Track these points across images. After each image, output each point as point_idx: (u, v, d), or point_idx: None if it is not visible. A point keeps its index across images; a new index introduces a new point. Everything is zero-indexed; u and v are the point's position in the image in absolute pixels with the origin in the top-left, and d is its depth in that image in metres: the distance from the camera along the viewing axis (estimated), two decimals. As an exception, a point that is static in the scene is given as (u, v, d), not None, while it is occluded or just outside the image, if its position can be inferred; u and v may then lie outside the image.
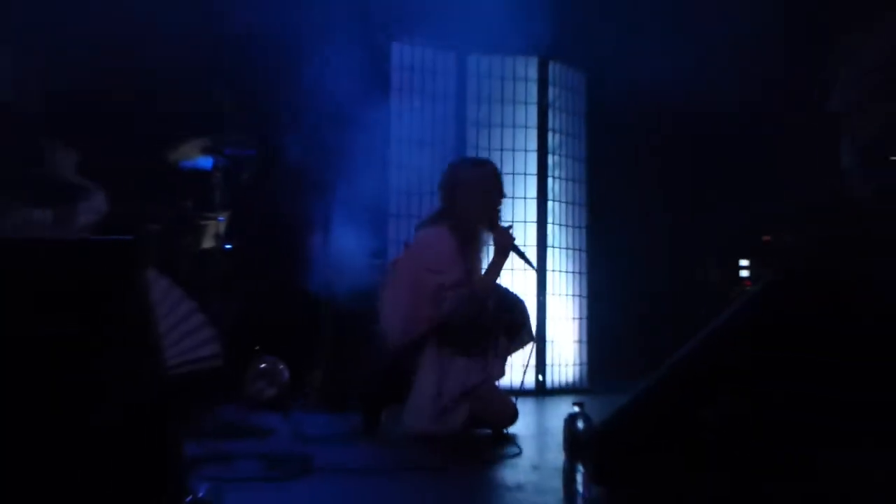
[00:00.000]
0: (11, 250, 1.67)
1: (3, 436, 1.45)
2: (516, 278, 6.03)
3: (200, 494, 2.00)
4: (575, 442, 2.58)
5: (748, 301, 2.66)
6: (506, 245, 4.35)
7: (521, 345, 4.52)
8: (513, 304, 4.50)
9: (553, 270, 6.59)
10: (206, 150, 5.07)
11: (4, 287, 1.54)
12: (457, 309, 4.21)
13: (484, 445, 4.02)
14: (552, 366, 6.55)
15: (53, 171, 5.42)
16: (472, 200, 4.40)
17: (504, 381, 4.92)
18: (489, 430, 4.29)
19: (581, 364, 6.77)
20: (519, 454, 3.76)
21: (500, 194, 4.46)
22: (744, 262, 6.75)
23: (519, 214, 6.38)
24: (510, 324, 4.44)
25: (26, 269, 1.58)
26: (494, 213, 4.42)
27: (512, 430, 4.28)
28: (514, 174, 6.42)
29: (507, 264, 4.40)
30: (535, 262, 5.38)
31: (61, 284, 1.55)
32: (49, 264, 1.61)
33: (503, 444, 4.13)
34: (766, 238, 6.55)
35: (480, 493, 2.87)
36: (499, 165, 4.58)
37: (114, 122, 5.77)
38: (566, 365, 6.67)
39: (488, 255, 4.47)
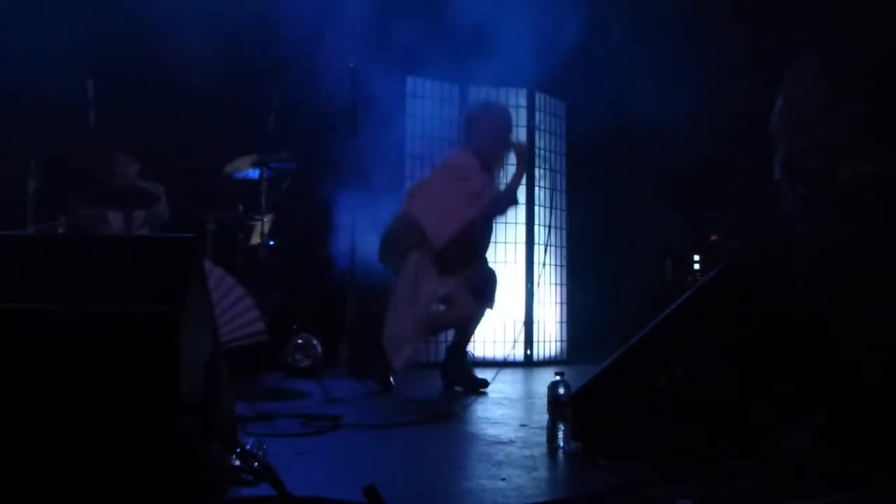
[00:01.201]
0: (104, 246, 1.69)
1: (107, 406, 1.45)
2: (509, 269, 6.04)
3: (248, 447, 2.01)
4: (556, 404, 2.59)
5: (697, 290, 2.66)
6: (522, 152, 4.57)
7: (483, 308, 4.50)
8: (487, 275, 4.51)
9: (539, 264, 6.59)
10: (254, 164, 5.07)
11: (100, 275, 1.56)
12: (489, 207, 4.37)
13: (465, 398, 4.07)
14: (538, 342, 6.55)
15: (125, 180, 5.43)
16: (485, 133, 4.49)
17: (497, 355, 4.90)
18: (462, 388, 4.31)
19: (562, 341, 6.78)
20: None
21: (509, 131, 4.59)
22: (696, 258, 6.74)
23: (511, 217, 6.36)
24: (480, 290, 4.43)
25: (115, 261, 1.60)
26: (504, 144, 4.53)
27: (505, 393, 4.29)
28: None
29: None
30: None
31: (141, 273, 1.56)
32: (131, 257, 1.62)
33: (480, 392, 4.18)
34: (713, 238, 6.54)
35: (476, 446, 2.88)
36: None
37: (182, 141, 5.79)
38: (550, 341, 6.68)
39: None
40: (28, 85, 5.41)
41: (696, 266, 6.72)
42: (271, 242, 5.37)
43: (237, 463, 1.88)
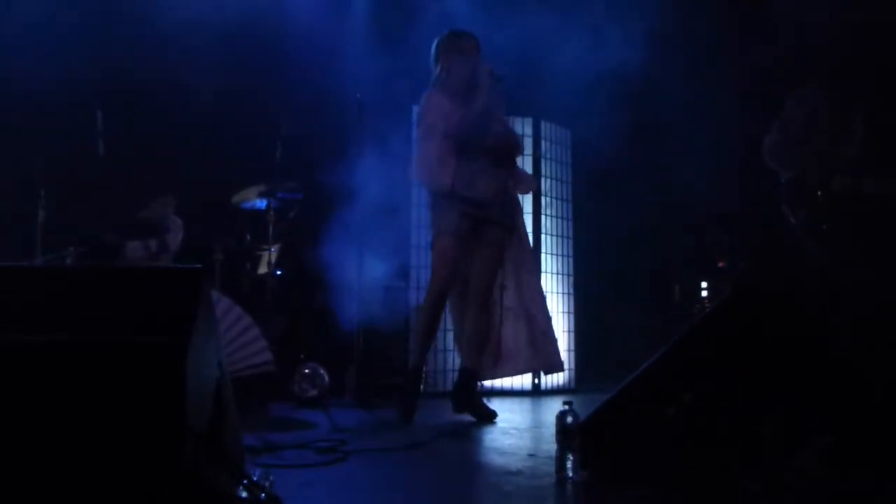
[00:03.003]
0: (112, 278, 1.69)
1: (103, 430, 1.45)
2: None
3: (255, 478, 2.00)
4: (565, 433, 2.57)
5: (707, 316, 2.66)
6: (490, 75, 4.36)
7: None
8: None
9: (547, 292, 6.57)
10: (261, 194, 5.10)
11: (109, 306, 1.56)
12: (465, 126, 4.26)
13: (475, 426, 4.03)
14: (545, 370, 6.51)
15: (156, 217, 5.46)
16: (451, 59, 4.43)
17: (504, 384, 4.87)
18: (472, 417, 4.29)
19: (570, 369, 6.74)
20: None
21: (470, 52, 4.46)
22: (703, 284, 6.72)
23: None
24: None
25: (123, 292, 1.60)
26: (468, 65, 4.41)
27: (513, 423, 4.27)
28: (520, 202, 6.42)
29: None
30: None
31: (149, 304, 1.57)
32: (139, 288, 1.63)
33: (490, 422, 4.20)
34: (720, 263, 6.53)
35: (485, 476, 2.85)
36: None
37: (190, 171, 5.83)
38: (557, 370, 6.64)
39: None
40: (38, 116, 5.47)
41: (704, 292, 6.71)
42: (278, 272, 5.38)
43: (244, 494, 1.87)
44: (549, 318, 4.53)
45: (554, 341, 4.53)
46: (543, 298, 4.59)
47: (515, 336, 4.52)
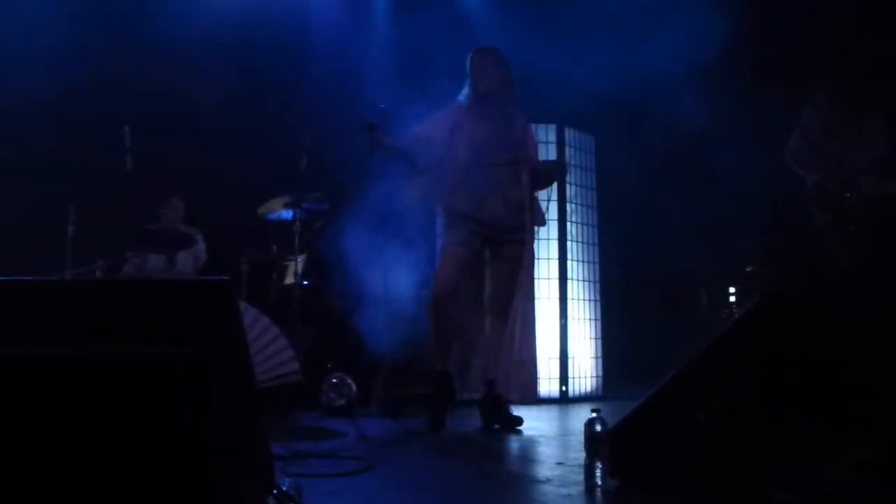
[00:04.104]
0: (139, 290, 1.70)
1: (133, 438, 1.46)
2: (543, 306, 6.00)
3: (284, 488, 2.00)
4: (593, 442, 2.55)
5: (737, 322, 2.63)
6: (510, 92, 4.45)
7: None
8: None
9: (572, 299, 6.55)
10: (287, 205, 5.12)
11: (137, 318, 1.57)
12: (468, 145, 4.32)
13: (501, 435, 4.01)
14: (573, 378, 6.48)
15: (169, 223, 5.51)
16: (474, 76, 4.45)
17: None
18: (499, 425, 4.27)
19: (597, 376, 6.70)
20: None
21: (493, 69, 4.45)
22: (731, 290, 6.66)
23: (543, 253, 6.34)
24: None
25: (150, 304, 1.61)
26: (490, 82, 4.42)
27: (541, 431, 4.25)
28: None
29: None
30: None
31: (176, 315, 1.57)
32: (166, 300, 1.64)
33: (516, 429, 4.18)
34: (748, 268, 6.47)
35: (513, 485, 2.84)
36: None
37: (215, 183, 5.88)
38: (585, 377, 6.60)
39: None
40: (66, 133, 5.54)
41: (732, 298, 6.64)
42: (305, 282, 5.40)
43: (273, 504, 1.87)
44: (533, 349, 4.50)
45: (534, 371, 4.52)
46: (533, 327, 4.58)
47: (505, 360, 4.52)
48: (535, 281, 6.29)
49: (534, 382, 4.53)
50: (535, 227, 4.60)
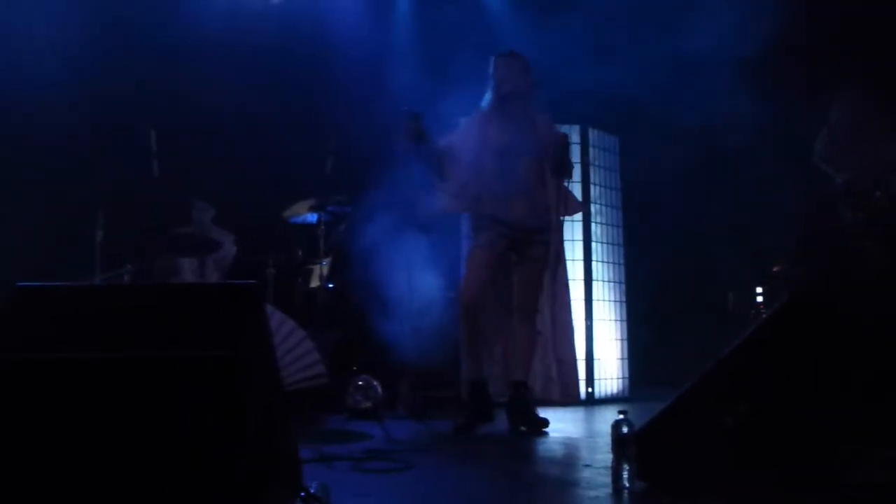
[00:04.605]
0: (169, 294, 1.72)
1: (164, 438, 1.48)
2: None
3: (312, 491, 2.01)
4: (621, 443, 2.54)
5: (764, 322, 2.61)
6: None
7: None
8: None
9: (598, 300, 6.53)
10: (312, 208, 5.15)
11: (166, 322, 1.59)
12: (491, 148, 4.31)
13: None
14: (599, 380, 6.46)
15: (200, 227, 5.56)
16: (497, 80, 4.45)
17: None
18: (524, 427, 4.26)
19: (623, 378, 6.67)
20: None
21: (516, 73, 4.44)
22: (758, 290, 6.60)
23: (568, 254, 6.31)
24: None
25: (179, 308, 1.63)
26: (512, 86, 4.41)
27: (567, 433, 4.24)
28: (563, 220, 6.38)
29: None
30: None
31: (205, 319, 1.59)
32: (195, 304, 1.66)
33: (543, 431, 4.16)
34: (776, 268, 6.42)
35: (541, 487, 2.84)
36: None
37: (241, 187, 5.92)
38: (611, 379, 6.58)
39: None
40: (93, 137, 5.61)
41: (759, 298, 6.59)
42: (330, 285, 5.43)
43: (302, 507, 1.88)
44: (573, 345, 4.53)
45: (574, 371, 4.53)
46: (571, 326, 4.59)
47: (542, 360, 4.54)
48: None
49: (575, 381, 4.54)
50: (562, 221, 4.60)
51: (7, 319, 1.79)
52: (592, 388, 6.34)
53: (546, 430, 4.26)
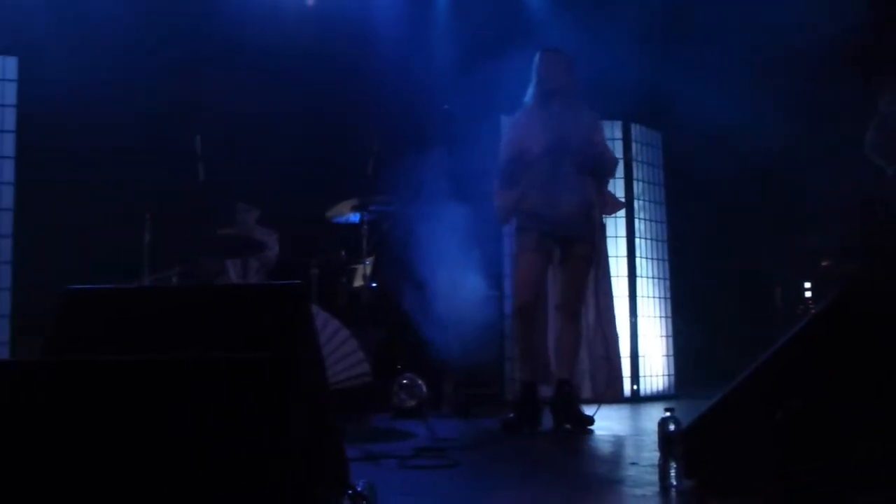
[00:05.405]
0: (217, 296, 1.75)
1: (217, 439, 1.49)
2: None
3: (359, 489, 2.02)
4: (667, 441, 2.51)
5: (814, 317, 2.56)
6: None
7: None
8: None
9: (642, 296, 6.47)
10: (355, 208, 5.17)
11: (215, 323, 1.61)
12: (537, 145, 4.29)
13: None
14: (644, 377, 6.41)
15: (244, 229, 5.63)
16: (540, 77, 4.43)
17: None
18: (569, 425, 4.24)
19: (669, 375, 6.61)
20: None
21: (559, 70, 4.42)
22: (806, 285, 6.50)
23: (612, 250, 6.27)
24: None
25: (228, 309, 1.65)
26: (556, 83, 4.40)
27: (612, 431, 4.21)
28: (605, 217, 6.34)
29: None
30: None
31: (252, 320, 1.61)
32: (242, 305, 1.68)
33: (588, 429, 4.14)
34: (824, 264, 6.30)
35: (586, 486, 2.82)
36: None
37: (285, 189, 5.98)
38: (656, 376, 6.52)
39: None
40: (140, 142, 5.70)
41: (808, 293, 6.48)
42: (373, 284, 5.45)
43: (348, 505, 1.90)
44: (617, 343, 4.51)
45: (617, 367, 4.51)
46: (615, 323, 4.57)
47: (589, 356, 4.53)
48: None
49: (620, 379, 4.53)
50: (604, 220, 4.59)
51: (58, 322, 1.83)
52: (638, 385, 6.29)
53: (591, 427, 4.24)
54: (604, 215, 4.64)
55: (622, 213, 6.38)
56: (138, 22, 5.69)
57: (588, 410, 4.37)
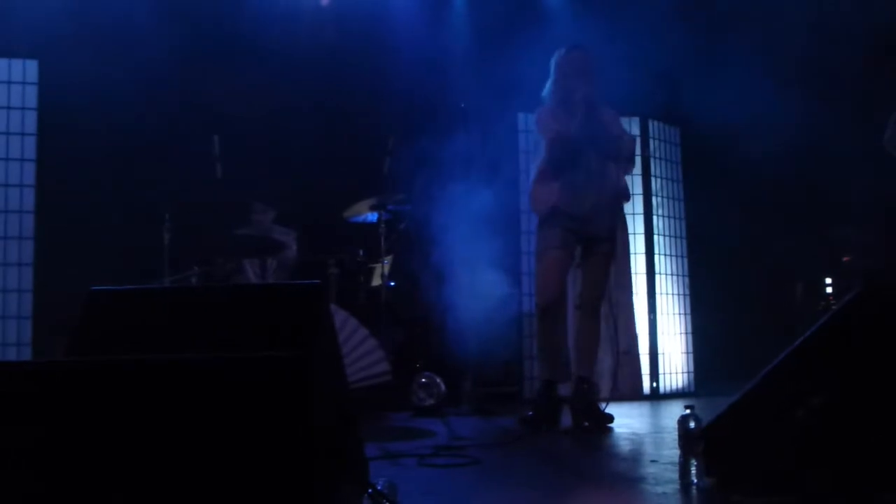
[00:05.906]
0: (237, 295, 1.76)
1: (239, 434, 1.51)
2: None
3: (379, 487, 2.03)
4: (688, 439, 2.51)
5: (836, 313, 2.54)
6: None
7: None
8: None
9: (661, 293, 6.44)
10: (373, 208, 5.19)
11: (235, 323, 1.63)
12: (563, 142, 4.24)
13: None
14: (664, 374, 6.38)
15: (261, 229, 5.66)
16: (561, 75, 4.41)
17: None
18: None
19: (689, 372, 6.58)
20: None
21: (581, 68, 4.38)
22: (827, 281, 6.45)
23: (630, 247, 6.27)
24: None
25: (248, 308, 1.67)
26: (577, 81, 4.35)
27: (632, 429, 4.20)
28: (624, 213, 6.33)
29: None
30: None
31: (272, 319, 1.62)
32: (262, 304, 1.69)
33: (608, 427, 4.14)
34: (846, 259, 6.26)
35: (607, 485, 2.81)
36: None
37: (302, 189, 6.00)
38: (676, 373, 6.49)
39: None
40: (159, 144, 5.74)
41: (829, 289, 6.44)
42: (391, 283, 5.46)
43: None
44: (635, 337, 4.49)
45: (635, 360, 4.49)
46: (633, 319, 4.56)
47: (607, 354, 4.52)
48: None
49: (638, 376, 4.52)
50: (625, 215, 4.57)
51: (81, 322, 1.85)
52: (657, 382, 6.27)
53: (610, 425, 4.23)
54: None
55: (640, 209, 6.36)
56: (157, 24, 5.72)
57: (601, 406, 4.37)
